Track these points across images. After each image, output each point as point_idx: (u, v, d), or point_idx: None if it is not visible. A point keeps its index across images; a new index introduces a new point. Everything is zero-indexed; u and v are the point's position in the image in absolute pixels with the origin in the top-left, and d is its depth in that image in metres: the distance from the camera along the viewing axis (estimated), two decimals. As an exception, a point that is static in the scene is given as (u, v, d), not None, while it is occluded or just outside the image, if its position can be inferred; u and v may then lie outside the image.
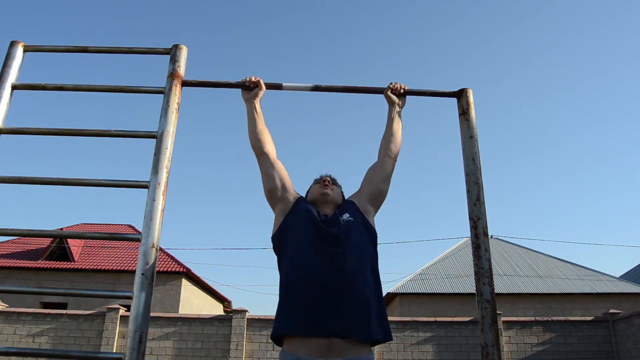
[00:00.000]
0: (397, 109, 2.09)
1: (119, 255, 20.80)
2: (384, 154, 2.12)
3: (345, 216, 1.98)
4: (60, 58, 50.74)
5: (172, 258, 20.43)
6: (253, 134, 2.07)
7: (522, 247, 23.58)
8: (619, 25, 45.65)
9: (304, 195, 2.19)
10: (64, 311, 12.07)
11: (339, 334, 1.68)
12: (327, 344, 1.67)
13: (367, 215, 2.05)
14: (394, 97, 2.05)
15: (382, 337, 1.78)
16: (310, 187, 2.22)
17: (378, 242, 2.06)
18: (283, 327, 1.75)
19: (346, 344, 1.69)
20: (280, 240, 1.97)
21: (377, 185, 2.09)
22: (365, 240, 1.95)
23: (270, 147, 2.08)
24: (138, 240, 1.52)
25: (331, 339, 1.68)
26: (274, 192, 2.05)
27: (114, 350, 11.32)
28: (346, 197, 2.20)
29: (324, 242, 1.85)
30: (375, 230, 2.04)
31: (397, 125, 2.12)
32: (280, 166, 2.08)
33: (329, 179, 2.16)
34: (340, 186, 2.23)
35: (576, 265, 21.64)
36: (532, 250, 23.28)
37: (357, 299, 1.74)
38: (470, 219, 1.69)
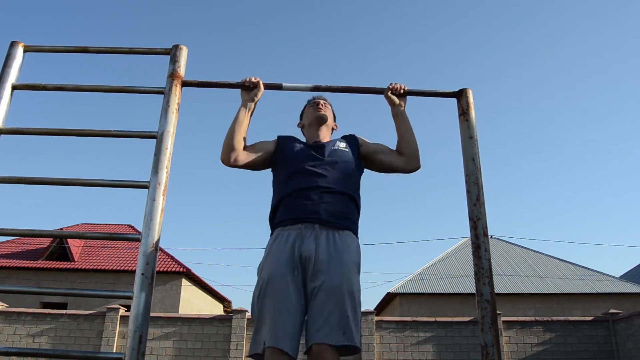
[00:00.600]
0: (401, 109, 2.09)
1: (119, 255, 20.80)
2: (404, 160, 2.13)
3: (342, 145, 2.14)
4: (60, 58, 50.80)
5: (172, 258, 20.43)
6: (230, 141, 2.02)
7: (522, 247, 23.58)
8: (619, 25, 45.69)
9: (292, 133, 2.32)
10: (64, 311, 12.07)
11: (315, 221, 1.92)
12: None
13: (360, 156, 2.18)
14: (394, 98, 2.05)
15: (353, 229, 1.99)
16: (304, 109, 2.32)
17: (378, 241, 2.15)
18: (273, 226, 2.01)
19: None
20: (276, 164, 2.13)
21: (379, 159, 2.17)
22: (353, 165, 2.10)
23: (241, 154, 2.06)
24: (138, 240, 1.52)
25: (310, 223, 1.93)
26: (266, 158, 2.13)
27: (114, 350, 11.32)
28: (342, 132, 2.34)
29: (311, 161, 2.03)
30: (363, 167, 2.19)
31: (408, 130, 2.11)
32: (253, 148, 2.12)
33: (321, 99, 2.25)
34: (331, 105, 2.32)
35: (576, 265, 21.64)
36: (532, 250, 23.28)
37: (337, 203, 1.96)
38: (470, 219, 1.69)
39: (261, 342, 1.77)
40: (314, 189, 1.95)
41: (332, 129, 2.30)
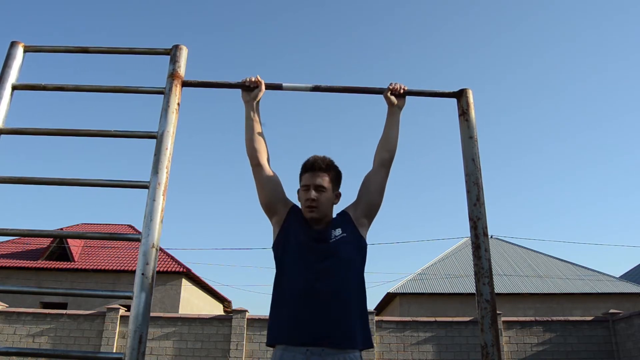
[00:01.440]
0: (397, 110, 2.08)
1: (119, 255, 20.81)
2: (378, 162, 2.10)
3: (338, 232, 2.00)
4: (61, 58, 50.80)
5: (172, 258, 20.43)
6: (250, 143, 2.04)
7: (522, 247, 23.59)
8: (619, 25, 45.69)
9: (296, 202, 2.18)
10: (64, 311, 12.07)
11: (323, 344, 1.79)
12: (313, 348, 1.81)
13: (360, 228, 2.06)
14: (393, 98, 2.04)
15: (362, 345, 1.87)
16: (300, 177, 2.10)
17: (378, 241, 2.10)
18: (274, 339, 1.88)
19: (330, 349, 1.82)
20: (277, 252, 2.03)
21: (371, 199, 2.08)
22: (353, 254, 1.98)
23: (265, 158, 2.07)
24: (138, 240, 1.52)
25: (317, 347, 1.81)
26: (270, 205, 2.06)
27: (114, 350, 11.32)
28: (344, 206, 2.19)
29: (312, 258, 1.91)
30: (365, 242, 2.07)
31: (394, 131, 2.09)
32: (275, 178, 2.07)
33: (313, 195, 2.00)
34: (329, 172, 2.07)
35: (576, 265, 21.65)
36: (532, 250, 23.29)
37: (341, 312, 1.83)
38: (470, 219, 1.69)
39: None
40: (321, 295, 1.83)
41: (334, 204, 2.10)
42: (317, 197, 1.99)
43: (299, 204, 2.12)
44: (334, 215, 2.10)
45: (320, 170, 2.04)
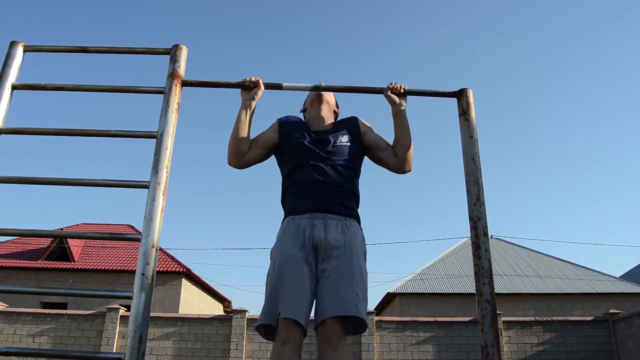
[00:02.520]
0: (401, 108, 2.09)
1: (119, 255, 20.81)
2: (398, 160, 2.18)
3: (344, 139, 2.16)
4: (60, 58, 50.80)
5: (172, 258, 20.43)
6: (236, 140, 2.08)
7: (522, 247, 23.59)
8: (619, 25, 45.68)
9: (293, 114, 2.40)
10: (64, 311, 12.07)
11: (327, 211, 2.03)
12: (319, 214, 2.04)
13: (361, 139, 2.22)
14: (394, 97, 2.05)
15: (357, 218, 2.11)
16: (307, 98, 2.37)
17: (378, 241, 2.20)
18: (285, 214, 2.12)
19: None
20: (281, 158, 2.21)
21: (374, 150, 2.21)
22: (355, 157, 2.16)
23: (246, 157, 2.15)
24: (138, 240, 1.52)
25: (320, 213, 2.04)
26: (272, 150, 2.20)
27: (114, 350, 11.32)
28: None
29: (315, 156, 2.09)
30: (363, 151, 2.23)
31: (405, 130, 2.13)
32: (256, 145, 2.16)
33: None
34: (333, 96, 2.35)
35: (576, 265, 21.65)
36: (532, 250, 23.29)
37: (343, 194, 2.07)
38: (470, 219, 1.69)
39: (275, 314, 1.90)
40: (318, 184, 2.05)
41: (335, 113, 2.33)
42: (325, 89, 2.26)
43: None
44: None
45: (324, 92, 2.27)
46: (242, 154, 2.11)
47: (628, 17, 43.94)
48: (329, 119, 2.26)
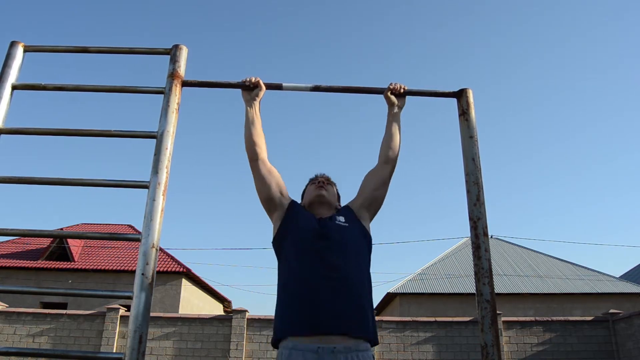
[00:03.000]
0: (397, 110, 2.09)
1: (119, 255, 20.81)
2: (382, 160, 2.13)
3: (341, 219, 2.00)
4: (61, 58, 50.81)
5: (172, 258, 20.43)
6: (249, 139, 2.05)
7: (522, 247, 23.59)
8: (619, 24, 45.68)
9: (299, 199, 2.24)
10: (64, 311, 12.07)
11: (338, 332, 1.72)
12: (326, 338, 1.72)
13: (363, 221, 2.07)
14: (393, 98, 2.05)
15: (373, 337, 1.82)
16: (306, 188, 2.25)
17: (378, 241, 2.10)
18: (283, 331, 1.78)
19: (344, 339, 1.73)
20: (279, 245, 1.99)
21: (372, 192, 2.10)
22: (361, 243, 1.97)
23: (265, 154, 2.08)
24: (138, 240, 1.52)
25: (330, 336, 1.72)
26: (271, 200, 2.05)
27: (114, 350, 11.32)
28: (344, 202, 2.22)
29: (320, 246, 1.87)
30: (370, 235, 2.06)
31: (396, 130, 2.12)
32: (275, 172, 2.08)
33: (323, 179, 2.19)
34: (334, 184, 2.27)
35: (576, 265, 21.65)
36: (532, 250, 23.29)
37: (355, 300, 1.78)
38: (470, 219, 1.69)
39: None
40: (328, 280, 1.78)
41: (336, 209, 2.14)
42: (325, 183, 2.17)
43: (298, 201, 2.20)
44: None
45: (326, 178, 2.23)
46: (255, 144, 2.04)
47: (628, 17, 43.96)
48: (332, 203, 2.16)
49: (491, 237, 21.92)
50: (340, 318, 1.72)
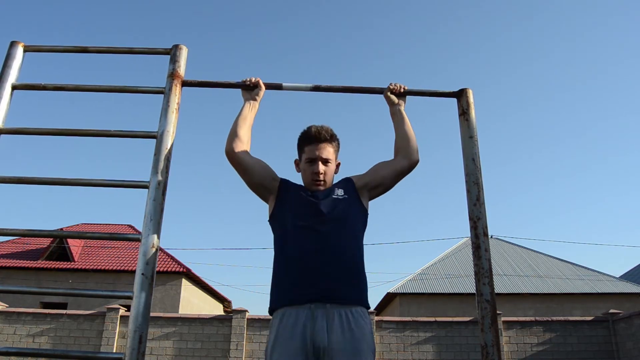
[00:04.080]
0: (398, 108, 2.07)
1: (119, 255, 20.81)
2: (402, 155, 2.03)
3: (339, 192, 1.97)
4: (60, 58, 50.81)
5: (172, 258, 20.43)
6: (235, 132, 1.93)
7: (522, 247, 23.59)
8: (619, 24, 45.69)
9: (289, 178, 2.14)
10: (64, 311, 12.07)
11: (327, 300, 1.76)
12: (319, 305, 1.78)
13: (362, 198, 2.02)
14: (393, 98, 2.04)
15: (366, 303, 1.85)
16: (302, 149, 2.06)
17: (378, 241, 2.07)
18: (278, 301, 1.82)
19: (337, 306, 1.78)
20: (274, 223, 1.99)
21: (382, 178, 2.02)
22: (356, 216, 1.95)
23: (247, 148, 1.98)
24: (138, 240, 1.52)
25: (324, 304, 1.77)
26: (260, 185, 1.98)
27: (114, 350, 11.32)
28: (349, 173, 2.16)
29: (314, 221, 1.87)
30: (366, 208, 2.02)
31: (406, 126, 2.05)
32: (257, 159, 1.99)
33: (321, 169, 1.98)
34: (335, 143, 2.05)
35: (576, 265, 21.65)
36: (532, 250, 23.29)
37: (348, 272, 1.82)
38: (470, 219, 1.70)
39: None
40: (321, 253, 1.80)
41: (336, 173, 2.08)
42: (325, 170, 1.97)
43: (290, 179, 2.07)
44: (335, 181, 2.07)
45: (325, 141, 1.99)
46: (238, 140, 1.92)
47: (628, 16, 43.97)
48: (331, 180, 2.03)
49: (491, 237, 21.92)
50: (333, 291, 1.76)
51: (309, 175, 2.00)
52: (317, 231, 1.84)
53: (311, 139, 2.00)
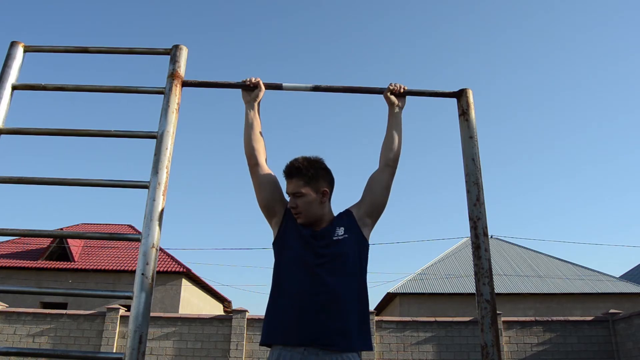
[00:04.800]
0: (397, 110, 2.07)
1: (119, 255, 20.81)
2: (383, 162, 2.07)
3: (340, 231, 1.97)
4: (61, 58, 50.81)
5: (172, 258, 20.43)
6: (249, 142, 2.02)
7: (522, 247, 23.59)
8: (619, 24, 45.67)
9: None
10: (64, 311, 12.07)
11: (320, 345, 1.77)
12: (312, 349, 1.79)
13: (363, 228, 2.03)
14: (393, 98, 2.04)
15: (360, 347, 1.84)
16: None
17: (378, 241, 2.07)
18: (273, 338, 1.85)
19: (329, 352, 1.80)
20: (276, 251, 2.00)
21: (375, 199, 2.04)
22: (354, 255, 1.94)
23: (264, 158, 2.04)
24: (138, 240, 1.52)
25: (315, 348, 1.79)
26: (269, 207, 2.02)
27: (114, 350, 11.32)
28: (349, 204, 2.15)
29: (313, 262, 1.87)
30: (367, 243, 2.03)
31: (396, 131, 2.07)
32: (273, 178, 2.04)
33: (292, 203, 1.97)
34: (305, 175, 1.98)
35: (576, 265, 21.65)
36: (532, 250, 23.29)
37: (343, 317, 1.80)
38: (470, 219, 1.69)
39: None
40: (315, 295, 1.81)
41: (324, 194, 2.02)
42: (296, 204, 1.96)
43: None
44: (336, 214, 2.06)
45: (291, 177, 1.99)
46: (253, 143, 2.01)
47: (629, 16, 43.95)
48: (319, 219, 1.99)
49: (491, 237, 21.97)
50: (326, 336, 1.77)
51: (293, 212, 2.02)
52: (313, 273, 1.84)
53: (284, 175, 2.03)
